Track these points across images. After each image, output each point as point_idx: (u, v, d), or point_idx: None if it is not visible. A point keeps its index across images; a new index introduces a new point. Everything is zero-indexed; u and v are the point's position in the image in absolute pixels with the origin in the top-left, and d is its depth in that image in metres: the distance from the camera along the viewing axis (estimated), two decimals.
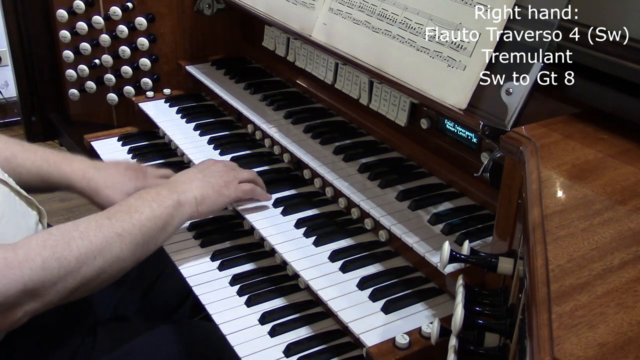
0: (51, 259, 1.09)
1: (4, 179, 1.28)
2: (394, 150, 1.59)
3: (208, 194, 1.38)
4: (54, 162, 1.48)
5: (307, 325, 1.30)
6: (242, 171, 1.49)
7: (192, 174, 1.41)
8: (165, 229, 1.29)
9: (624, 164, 0.95)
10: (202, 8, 2.06)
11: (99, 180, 1.48)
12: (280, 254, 1.37)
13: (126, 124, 2.10)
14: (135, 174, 1.53)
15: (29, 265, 1.06)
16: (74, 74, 2.24)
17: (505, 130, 1.08)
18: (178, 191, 1.34)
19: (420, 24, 1.28)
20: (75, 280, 1.13)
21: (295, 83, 1.91)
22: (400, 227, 1.31)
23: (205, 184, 1.38)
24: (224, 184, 1.41)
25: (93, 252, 1.15)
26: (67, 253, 1.11)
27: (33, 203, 1.35)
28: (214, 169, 1.44)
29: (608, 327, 0.64)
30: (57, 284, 1.10)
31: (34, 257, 1.07)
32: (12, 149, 1.46)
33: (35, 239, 1.12)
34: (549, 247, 0.75)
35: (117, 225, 1.20)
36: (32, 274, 1.06)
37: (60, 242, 1.12)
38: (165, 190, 1.33)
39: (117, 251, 1.19)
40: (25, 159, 1.46)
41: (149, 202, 1.28)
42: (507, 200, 1.04)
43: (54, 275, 1.09)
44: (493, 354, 0.90)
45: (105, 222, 1.20)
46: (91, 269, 1.15)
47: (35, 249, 1.09)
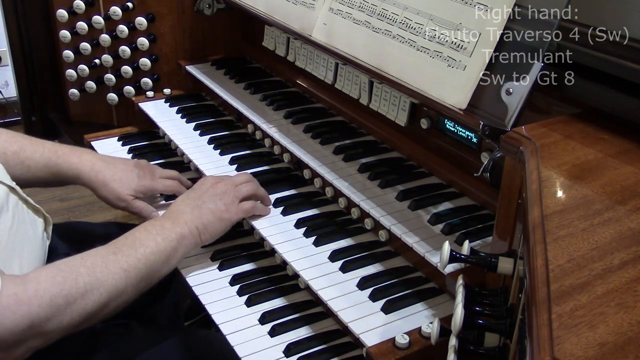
0: (59, 297, 1.09)
1: (13, 186, 1.28)
2: (394, 150, 1.59)
3: (209, 221, 1.37)
4: (62, 153, 1.49)
5: (307, 325, 1.30)
6: (241, 188, 1.45)
7: (192, 201, 1.40)
8: (168, 261, 1.30)
9: (624, 164, 0.95)
10: (202, 8, 2.06)
11: (106, 173, 1.48)
12: (280, 254, 1.37)
13: (126, 124, 2.10)
14: (143, 172, 1.53)
15: (38, 302, 1.06)
16: (74, 74, 2.24)
17: (505, 130, 1.08)
18: (180, 224, 1.34)
19: (420, 24, 1.28)
20: (80, 316, 1.13)
21: (295, 83, 1.91)
22: (400, 227, 1.31)
23: (206, 212, 1.37)
24: (225, 208, 1.40)
25: (99, 288, 1.15)
26: (74, 290, 1.11)
27: (40, 210, 1.35)
28: (211, 192, 1.41)
29: (608, 327, 0.64)
30: (63, 321, 1.10)
31: (42, 294, 1.07)
32: (20, 142, 1.47)
33: (44, 274, 1.11)
34: (549, 247, 0.75)
35: (123, 261, 1.20)
36: (40, 311, 1.06)
37: (69, 279, 1.11)
38: (168, 223, 1.33)
39: (122, 286, 1.19)
40: (34, 152, 1.46)
41: (154, 235, 1.28)
42: (507, 200, 1.04)
43: (60, 312, 1.09)
44: (493, 354, 0.90)
45: (111, 257, 1.20)
46: (96, 305, 1.15)
47: (44, 285, 1.08)
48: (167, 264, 1.30)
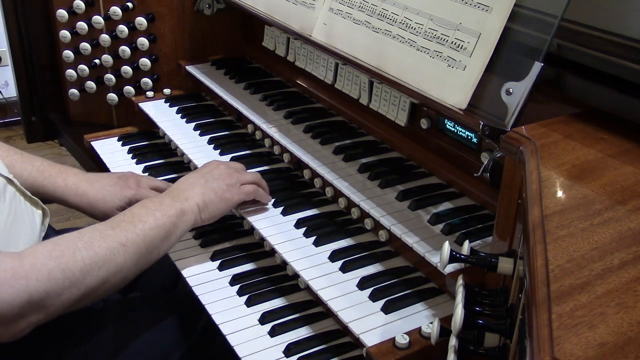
0: (56, 270, 1.09)
1: (10, 178, 1.28)
2: (394, 150, 1.59)
3: (210, 199, 1.38)
4: (49, 175, 1.50)
5: (307, 325, 1.30)
6: (245, 173, 1.48)
7: (194, 179, 1.41)
8: (168, 238, 1.29)
9: (624, 164, 0.95)
10: (202, 8, 2.06)
11: (90, 194, 1.50)
12: (280, 254, 1.37)
13: (126, 124, 2.10)
14: (126, 183, 1.53)
15: (35, 275, 1.06)
16: (74, 74, 2.24)
17: (505, 130, 1.08)
18: (181, 199, 1.34)
19: (420, 24, 1.28)
20: (79, 291, 1.13)
21: (295, 83, 1.91)
22: (400, 227, 1.31)
23: (207, 190, 1.38)
24: (227, 187, 1.41)
25: (97, 262, 1.15)
26: (72, 264, 1.11)
27: (37, 203, 1.35)
28: (216, 172, 1.43)
29: (608, 327, 0.64)
30: (62, 295, 1.10)
31: (40, 268, 1.07)
32: (11, 158, 1.48)
33: (41, 248, 1.12)
34: (549, 247, 0.75)
35: (121, 236, 1.20)
36: (38, 285, 1.06)
37: (66, 253, 1.12)
38: (168, 198, 1.33)
39: (120, 261, 1.19)
40: (22, 169, 1.47)
41: (152, 211, 1.28)
42: (507, 200, 1.04)
43: (59, 286, 1.09)
44: (493, 354, 0.90)
45: (109, 232, 1.20)
46: (95, 280, 1.15)
47: (42, 259, 1.08)
48: (167, 240, 1.29)
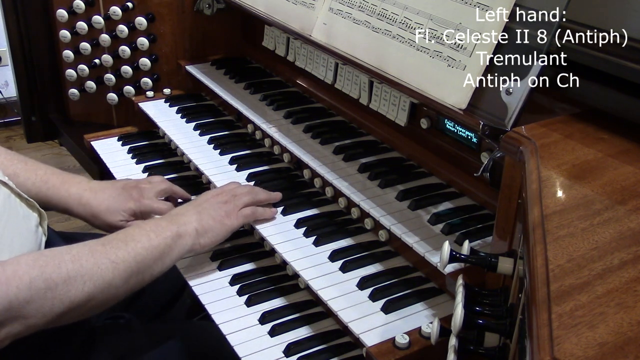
0: (39, 279, 1.07)
1: (5, 181, 1.28)
2: (394, 150, 1.59)
3: (210, 225, 1.36)
4: (52, 185, 1.48)
5: (307, 325, 1.30)
6: (240, 197, 1.45)
7: (191, 207, 1.40)
8: (162, 259, 1.27)
9: (624, 164, 0.95)
10: (202, 8, 2.06)
11: (94, 205, 1.48)
12: (280, 253, 1.37)
13: (126, 124, 2.10)
14: (130, 194, 1.52)
15: (16, 283, 1.04)
16: (74, 74, 2.24)
17: (505, 130, 1.08)
18: (178, 223, 1.32)
19: (420, 23, 1.28)
20: (62, 304, 1.10)
21: (295, 83, 1.91)
22: (400, 227, 1.31)
23: (206, 217, 1.37)
24: (225, 214, 1.40)
25: (83, 276, 1.12)
26: (55, 275, 1.09)
27: (34, 205, 1.35)
28: (212, 201, 1.42)
29: (608, 327, 0.64)
30: (43, 306, 1.08)
31: (21, 275, 1.05)
32: (15, 167, 1.47)
33: (25, 257, 1.10)
34: (549, 247, 0.75)
35: (111, 252, 1.18)
36: (18, 293, 1.04)
37: (50, 263, 1.10)
38: (164, 221, 1.33)
39: (108, 278, 1.16)
40: (26, 179, 1.46)
41: (147, 231, 1.27)
42: (507, 200, 1.04)
43: (40, 296, 1.07)
44: (493, 354, 0.90)
45: (99, 248, 1.18)
46: (80, 294, 1.12)
47: (24, 267, 1.06)
48: (161, 261, 1.27)
